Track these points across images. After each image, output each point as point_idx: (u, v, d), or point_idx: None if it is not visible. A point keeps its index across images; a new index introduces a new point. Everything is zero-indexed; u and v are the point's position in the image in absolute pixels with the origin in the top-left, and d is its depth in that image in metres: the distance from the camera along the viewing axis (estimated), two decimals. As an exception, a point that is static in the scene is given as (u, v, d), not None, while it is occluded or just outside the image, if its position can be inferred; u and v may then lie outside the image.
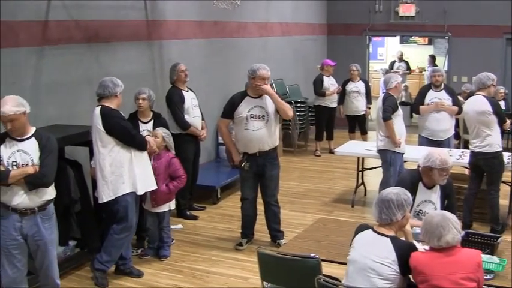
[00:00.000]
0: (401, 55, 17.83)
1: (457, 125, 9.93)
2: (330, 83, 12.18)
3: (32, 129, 5.15)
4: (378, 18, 15.00)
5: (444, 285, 3.85)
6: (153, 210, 6.97)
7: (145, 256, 7.11)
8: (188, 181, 7.64)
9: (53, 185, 5.26)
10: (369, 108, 12.45)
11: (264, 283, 4.96)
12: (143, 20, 8.83)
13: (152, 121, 7.34)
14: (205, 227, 8.16)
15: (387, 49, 21.48)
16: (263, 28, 12.45)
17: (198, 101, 8.52)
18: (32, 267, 5.48)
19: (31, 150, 5.05)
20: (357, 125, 12.47)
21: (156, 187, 6.56)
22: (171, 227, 7.38)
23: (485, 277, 4.14)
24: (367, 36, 15.43)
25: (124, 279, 6.53)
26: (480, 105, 7.39)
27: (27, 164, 5.02)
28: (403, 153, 8.12)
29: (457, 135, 10.42)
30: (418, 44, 20.71)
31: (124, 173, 6.15)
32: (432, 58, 17.60)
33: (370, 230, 4.31)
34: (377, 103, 8.27)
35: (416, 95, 9.81)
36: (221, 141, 10.53)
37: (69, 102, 7.50)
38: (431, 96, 8.90)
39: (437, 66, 14.54)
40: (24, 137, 5.07)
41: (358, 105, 12.22)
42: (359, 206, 9.04)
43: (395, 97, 8.09)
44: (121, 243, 6.33)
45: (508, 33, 13.32)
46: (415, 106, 9.16)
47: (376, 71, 19.42)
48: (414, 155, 7.88)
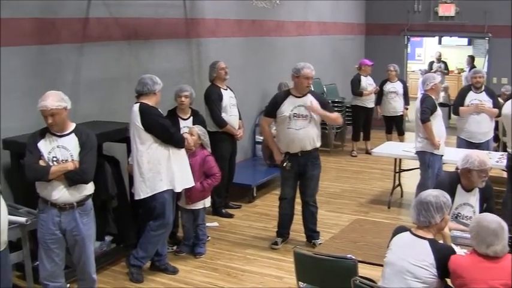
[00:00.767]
0: (439, 56, 17.65)
1: (497, 128, 9.80)
2: (368, 83, 12.10)
3: (72, 125, 5.18)
4: (417, 18, 14.86)
5: (482, 290, 3.80)
6: (188, 207, 6.99)
7: (180, 253, 7.13)
8: (224, 179, 7.66)
9: (92, 181, 5.28)
10: (407, 109, 12.34)
11: (300, 283, 4.95)
12: (182, 18, 8.86)
13: (191, 118, 7.38)
14: (240, 226, 8.17)
15: (425, 49, 21.27)
16: (301, 27, 12.41)
17: (236, 100, 8.54)
18: (69, 261, 5.51)
19: (71, 146, 5.08)
20: (394, 126, 12.36)
21: (194, 184, 6.58)
22: (207, 225, 7.41)
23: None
24: (405, 36, 15.29)
25: (159, 275, 6.56)
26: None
27: (66, 160, 5.05)
28: (442, 155, 8.01)
29: (496, 137, 10.27)
30: (457, 45, 20.47)
31: (162, 170, 6.17)
32: (471, 59, 17.39)
33: (408, 232, 4.27)
34: (415, 104, 8.19)
35: (456, 97, 9.69)
36: (258, 139, 10.58)
37: (107, 99, 7.56)
38: (471, 97, 8.80)
39: (475, 67, 14.36)
40: (64, 133, 5.10)
41: (395, 105, 12.10)
42: (395, 208, 8.98)
43: (433, 98, 7.99)
44: (157, 239, 6.36)
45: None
46: (455, 107, 9.06)
47: (414, 72, 19.24)
48: (452, 157, 7.78)
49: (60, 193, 5.07)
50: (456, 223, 5.39)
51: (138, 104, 6.12)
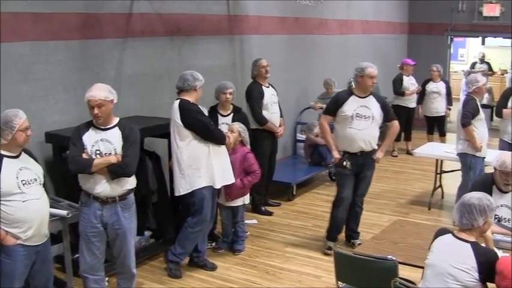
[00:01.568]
0: (483, 56, 17.40)
1: (541, 131, 9.62)
2: (410, 83, 11.98)
3: (116, 119, 5.21)
4: (461, 18, 14.69)
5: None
6: (227, 204, 7.00)
7: (219, 250, 7.15)
8: (264, 177, 7.65)
9: (134, 175, 5.31)
10: (449, 109, 12.17)
11: (339, 283, 4.92)
12: (225, 15, 8.88)
13: (232, 115, 7.38)
14: (279, 223, 8.15)
15: (468, 50, 21.00)
16: (343, 25, 12.36)
17: (278, 98, 8.52)
18: (109, 255, 5.55)
19: (114, 139, 5.11)
20: (436, 127, 12.23)
21: (234, 181, 6.59)
22: (246, 222, 7.42)
23: None
24: (448, 36, 15.12)
25: (197, 271, 6.58)
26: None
27: (110, 153, 5.07)
28: (484, 157, 7.88)
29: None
30: (500, 46, 20.16)
31: (201, 167, 6.17)
32: (515, 60, 17.13)
33: (450, 235, 4.22)
34: (458, 105, 8.06)
35: (498, 98, 9.54)
36: (299, 137, 10.56)
37: (149, 94, 7.61)
38: (515, 99, 8.65)
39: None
40: (108, 126, 5.13)
41: (437, 106, 11.95)
42: (436, 209, 8.88)
43: (476, 100, 7.84)
44: (195, 236, 6.37)
45: None
46: (498, 109, 8.91)
47: (456, 72, 19.02)
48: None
49: (102, 187, 5.10)
50: (498, 226, 5.31)
51: (178, 101, 6.13)
